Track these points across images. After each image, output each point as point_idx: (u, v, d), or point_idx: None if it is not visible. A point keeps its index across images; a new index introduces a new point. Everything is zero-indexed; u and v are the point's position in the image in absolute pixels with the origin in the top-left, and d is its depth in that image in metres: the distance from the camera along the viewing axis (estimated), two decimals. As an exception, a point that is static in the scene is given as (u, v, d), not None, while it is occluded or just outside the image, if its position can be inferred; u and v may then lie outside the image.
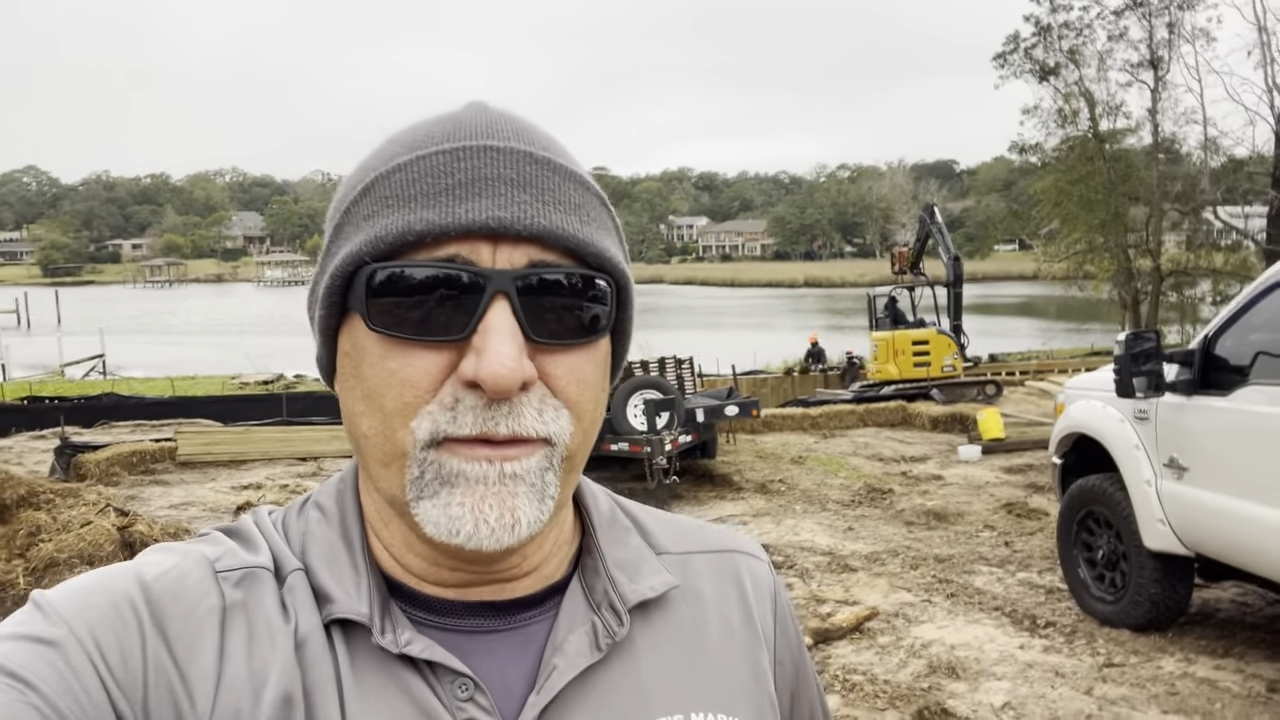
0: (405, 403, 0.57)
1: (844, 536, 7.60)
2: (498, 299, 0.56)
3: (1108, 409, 5.01)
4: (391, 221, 0.57)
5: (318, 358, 0.65)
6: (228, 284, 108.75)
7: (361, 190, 0.60)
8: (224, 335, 44.02)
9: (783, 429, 13.75)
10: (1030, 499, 8.71)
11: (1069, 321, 40.99)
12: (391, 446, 0.58)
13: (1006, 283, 69.48)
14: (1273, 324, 4.11)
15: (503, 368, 0.54)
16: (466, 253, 0.56)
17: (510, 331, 0.55)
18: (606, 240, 0.61)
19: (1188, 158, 28.26)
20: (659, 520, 0.76)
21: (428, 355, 0.57)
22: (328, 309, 0.60)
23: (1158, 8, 27.08)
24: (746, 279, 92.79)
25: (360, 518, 0.65)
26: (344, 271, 0.58)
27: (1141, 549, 4.76)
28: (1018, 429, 12.42)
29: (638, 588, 0.67)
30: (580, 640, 0.63)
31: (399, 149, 0.59)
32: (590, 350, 0.60)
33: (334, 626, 0.60)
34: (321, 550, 0.63)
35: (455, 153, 0.57)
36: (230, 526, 0.66)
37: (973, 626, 5.24)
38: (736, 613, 0.71)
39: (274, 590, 0.61)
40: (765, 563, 0.77)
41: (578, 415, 0.60)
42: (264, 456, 11.81)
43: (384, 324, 0.57)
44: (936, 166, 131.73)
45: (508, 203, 0.56)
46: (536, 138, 0.60)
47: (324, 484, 0.69)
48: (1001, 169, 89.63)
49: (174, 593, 0.58)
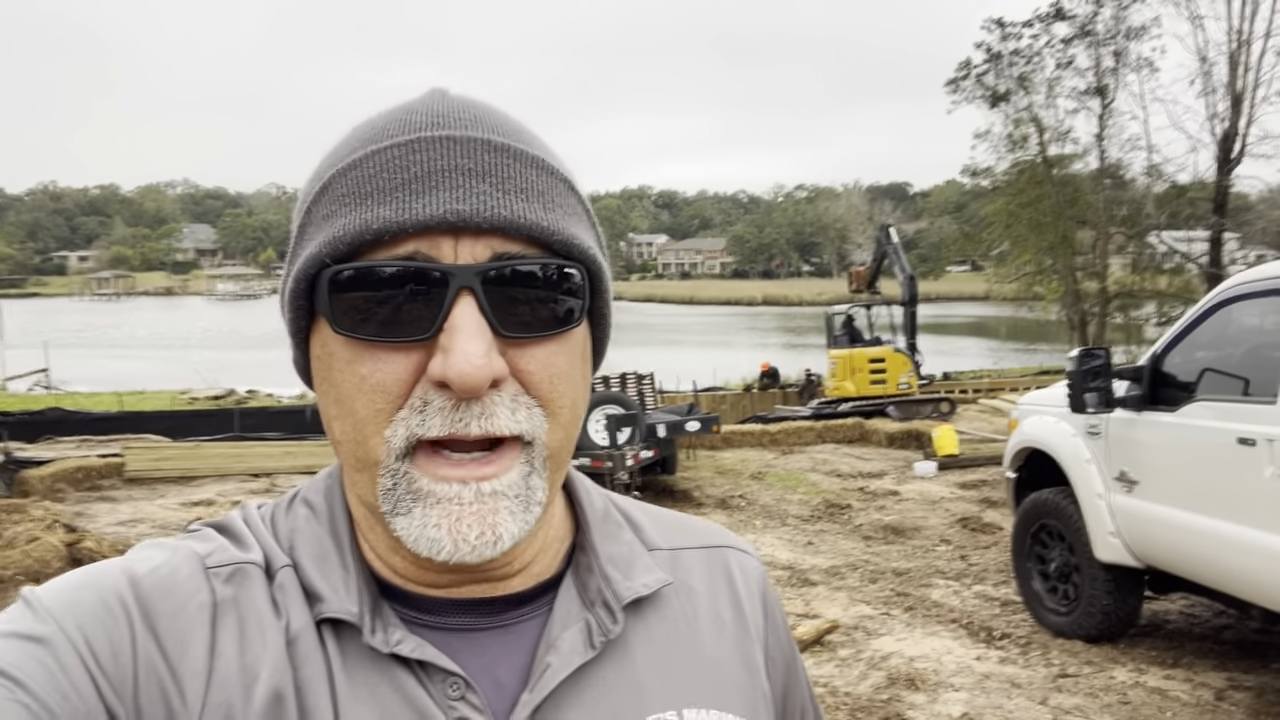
0: (377, 409, 0.55)
1: (804, 551, 7.66)
2: (462, 295, 0.54)
3: (1060, 424, 5.13)
4: (349, 221, 0.55)
5: (295, 361, 0.64)
6: (178, 297, 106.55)
7: (320, 189, 0.59)
8: (173, 349, 43.10)
9: (742, 445, 13.82)
10: (984, 514, 8.86)
11: (1019, 341, 41.83)
12: (364, 453, 0.57)
13: (959, 303, 70.74)
14: (1217, 342, 4.26)
15: (469, 365, 0.53)
16: (427, 249, 0.55)
17: (477, 328, 0.54)
18: (575, 226, 0.59)
19: (1133, 183, 29.09)
20: (650, 516, 0.75)
21: (396, 357, 0.55)
22: (295, 312, 0.59)
23: (1104, 37, 27.88)
24: (705, 297, 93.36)
25: (348, 516, 0.64)
26: (306, 274, 0.57)
27: (1093, 561, 4.87)
28: (971, 445, 12.64)
29: (632, 584, 0.66)
30: (574, 638, 0.62)
31: (356, 143, 0.59)
32: (563, 342, 0.59)
33: (324, 625, 0.59)
34: (310, 548, 0.62)
35: (410, 145, 0.56)
36: (220, 522, 0.65)
37: (931, 639, 5.31)
38: (728, 608, 0.71)
39: (264, 587, 0.60)
40: (754, 558, 0.77)
41: (553, 411, 0.58)
42: (215, 473, 11.57)
43: (349, 326, 0.56)
44: (891, 188, 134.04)
45: (466, 194, 0.55)
46: (497, 124, 0.59)
47: (313, 479, 0.68)
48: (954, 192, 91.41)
49: (164, 589, 0.58)
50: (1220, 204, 24.92)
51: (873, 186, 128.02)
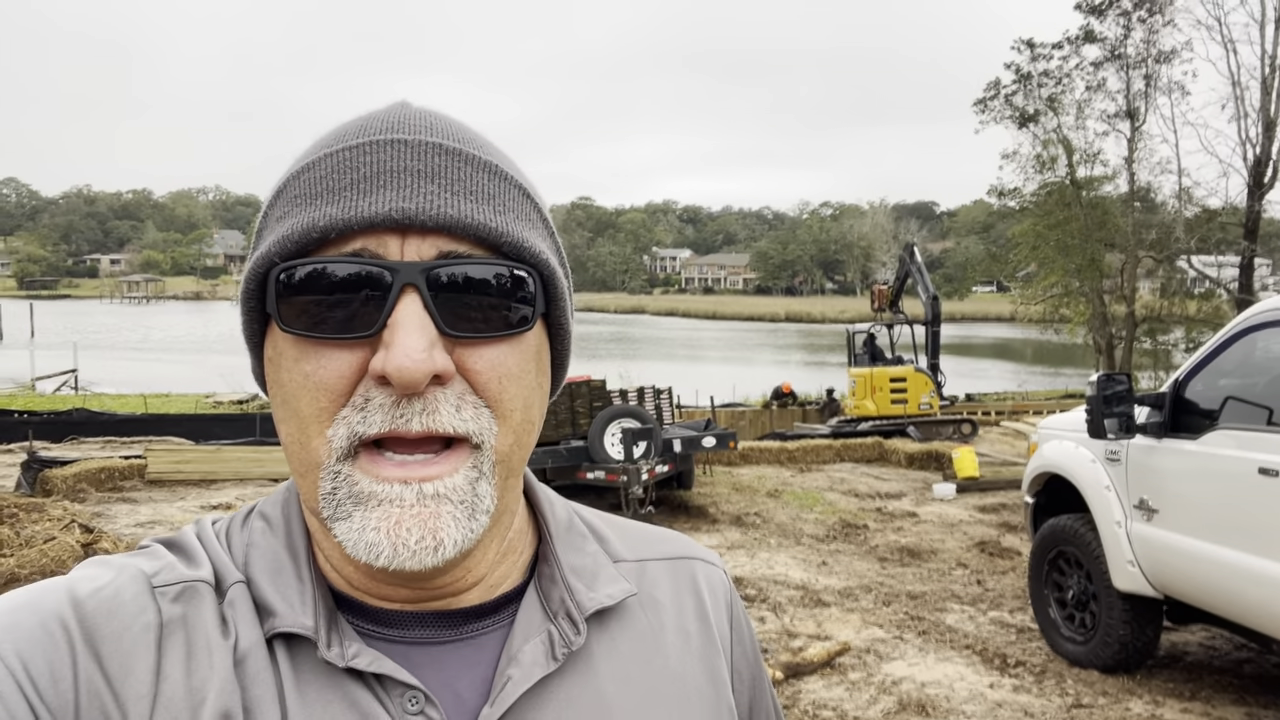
0: (320, 408, 0.55)
1: (818, 571, 7.59)
2: (407, 292, 0.54)
3: (1080, 449, 5.06)
4: (298, 220, 0.56)
5: (252, 370, 0.63)
6: (206, 302, 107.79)
7: (276, 192, 0.60)
8: (199, 353, 43.59)
9: (759, 462, 13.75)
10: (1003, 538, 8.75)
11: (1044, 365, 41.41)
12: (307, 455, 0.56)
13: (984, 324, 70.18)
14: (1241, 369, 4.18)
15: (408, 359, 0.52)
16: (374, 246, 0.55)
17: (419, 324, 0.53)
18: (526, 231, 0.59)
19: (1162, 206, 28.80)
20: (615, 527, 0.74)
21: (341, 355, 0.55)
22: (247, 314, 0.59)
23: (1135, 60, 27.72)
24: (728, 312, 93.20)
25: (305, 528, 0.63)
26: (257, 274, 0.57)
27: (1111, 590, 4.79)
28: (992, 469, 12.51)
29: (595, 595, 0.65)
30: (535, 650, 0.61)
31: (314, 149, 0.59)
32: (514, 344, 0.58)
33: (277, 641, 0.58)
34: (265, 562, 0.61)
35: (362, 148, 0.56)
36: (170, 538, 0.63)
37: (943, 664, 5.23)
38: (694, 620, 0.70)
39: (214, 605, 0.58)
40: (720, 569, 0.76)
41: (502, 414, 0.57)
42: (235, 476, 11.66)
43: (296, 324, 0.55)
44: (917, 207, 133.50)
45: (412, 194, 0.55)
46: (453, 132, 0.59)
47: (271, 494, 0.67)
48: (980, 212, 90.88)
49: (107, 610, 0.56)
50: (1252, 229, 24.61)
51: (899, 205, 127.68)
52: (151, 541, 0.63)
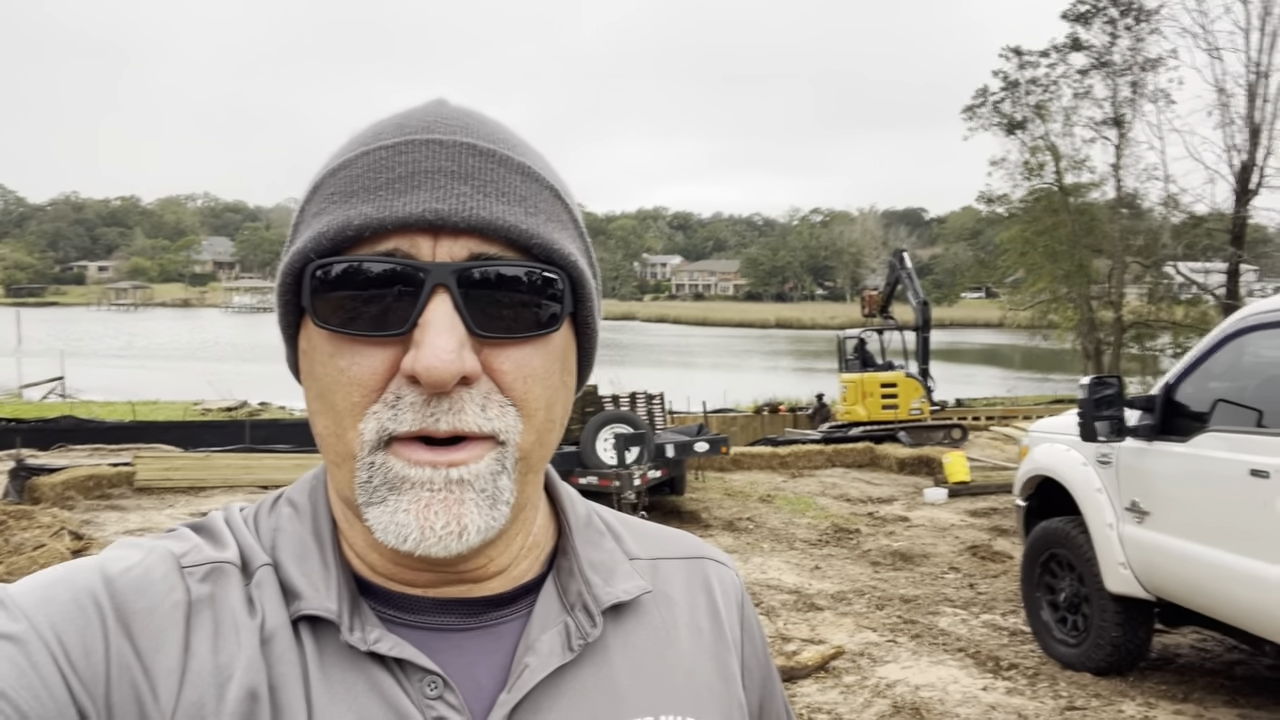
0: (353, 402, 0.57)
1: (811, 575, 7.59)
2: (438, 292, 0.55)
3: (1071, 452, 5.09)
4: (334, 217, 0.57)
5: (287, 359, 0.65)
6: (194, 309, 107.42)
7: (313, 189, 0.61)
8: (187, 360, 43.38)
9: (751, 467, 13.76)
10: (994, 542, 8.77)
11: (1033, 370, 41.58)
12: (342, 446, 0.58)
13: (973, 329, 70.46)
14: (1231, 372, 4.21)
15: (438, 360, 0.54)
16: (406, 246, 0.56)
17: (449, 324, 0.55)
18: (557, 233, 0.60)
19: (1149, 213, 29.00)
20: (630, 527, 0.76)
21: (374, 352, 0.57)
22: (283, 308, 0.61)
23: (1121, 68, 27.95)
24: (718, 318, 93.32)
25: (331, 515, 0.65)
26: (293, 269, 0.59)
27: (1103, 592, 4.81)
28: (983, 473, 12.55)
29: (612, 590, 0.67)
30: (552, 640, 0.63)
31: (351, 146, 0.61)
32: (540, 345, 0.59)
33: (302, 623, 0.59)
34: (291, 546, 0.63)
35: (397, 147, 0.58)
36: (198, 522, 0.65)
37: (937, 667, 5.24)
38: (706, 618, 0.72)
39: (240, 585, 0.60)
40: (732, 570, 0.78)
41: (527, 413, 0.59)
42: (224, 484, 11.59)
43: (329, 320, 0.57)
44: (906, 214, 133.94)
45: (446, 195, 0.56)
46: (487, 132, 0.60)
47: (298, 481, 0.68)
48: (969, 218, 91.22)
49: (138, 588, 0.58)
50: (1238, 235, 24.81)
51: (888, 211, 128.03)
52: (179, 525, 0.65)
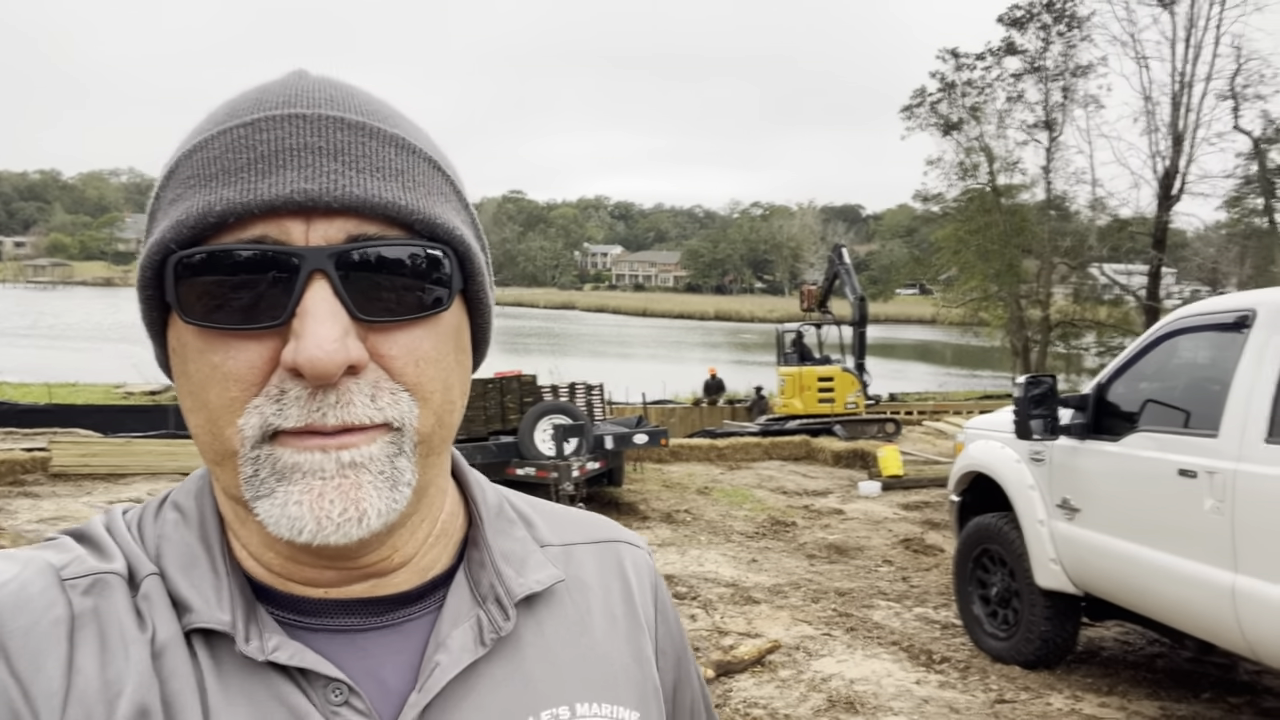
0: (230, 398, 0.53)
1: (747, 568, 7.62)
2: (315, 278, 0.52)
3: (1005, 449, 5.17)
4: (192, 204, 0.53)
5: (156, 357, 0.61)
6: (118, 288, 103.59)
7: (168, 173, 0.57)
8: (110, 341, 41.81)
9: (689, 459, 13.81)
10: (926, 535, 8.93)
11: (963, 366, 42.62)
12: (220, 445, 0.54)
13: (906, 325, 71.87)
14: (1161, 373, 4.31)
15: (320, 351, 0.50)
16: (275, 232, 0.52)
17: (330, 312, 0.52)
18: (439, 206, 0.57)
19: (1076, 215, 29.90)
20: (542, 512, 0.74)
21: (250, 345, 0.53)
22: (146, 303, 0.57)
23: (1053, 73, 28.74)
24: (658, 309, 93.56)
25: (219, 517, 0.61)
26: (152, 262, 0.55)
27: (1034, 587, 4.90)
28: (915, 467, 12.77)
29: (524, 581, 0.65)
30: (464, 635, 0.61)
31: (206, 125, 0.56)
32: (430, 326, 0.56)
33: (196, 635, 0.56)
34: (178, 554, 0.59)
35: (257, 124, 0.53)
36: (79, 530, 0.61)
37: (871, 661, 5.29)
38: (620, 602, 0.71)
39: (127, 597, 0.56)
40: (645, 551, 0.78)
41: (422, 397, 0.56)
42: (146, 470, 11.19)
43: (198, 315, 0.53)
44: (844, 210, 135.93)
45: (315, 173, 0.52)
46: (356, 104, 0.56)
47: (184, 481, 0.64)
48: (905, 216, 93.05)
49: (14, 605, 0.53)
50: (1160, 239, 25.73)
51: (827, 207, 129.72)
52: (59, 534, 0.61)
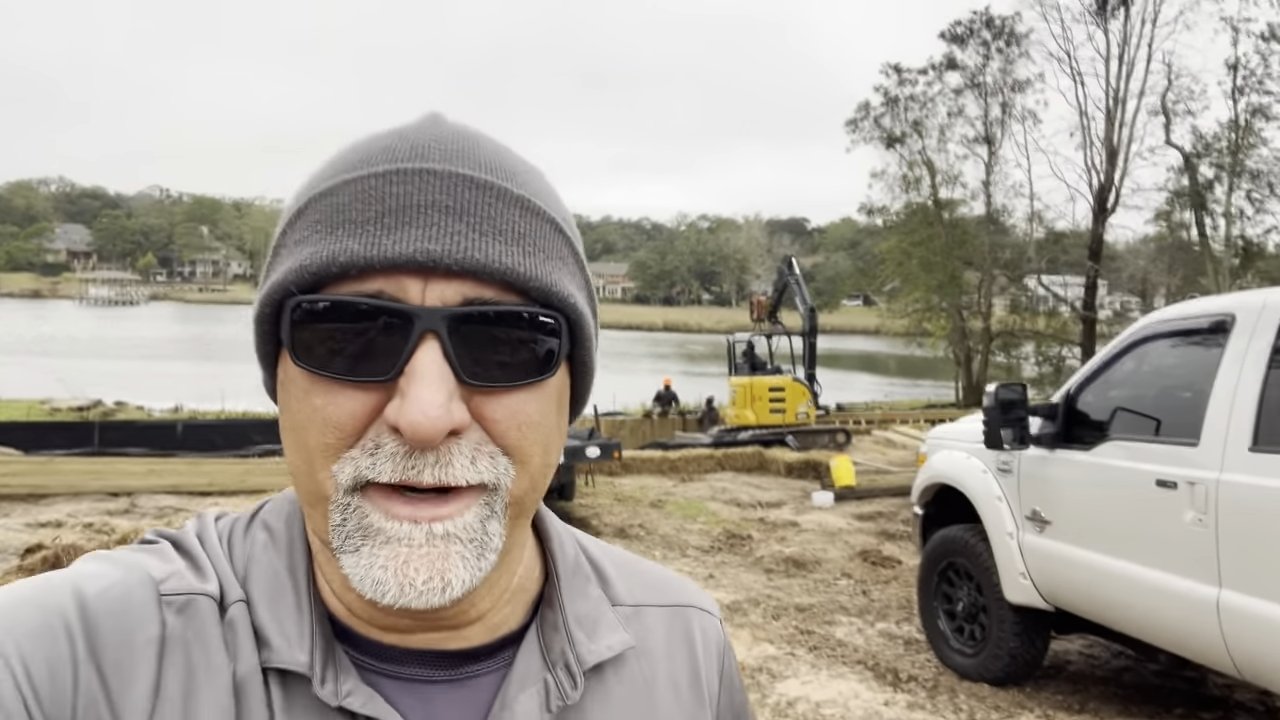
0: (327, 444, 0.53)
1: (705, 584, 7.39)
2: (426, 339, 0.52)
3: (971, 460, 5.03)
4: (317, 250, 0.53)
5: (264, 384, 0.62)
6: (46, 300, 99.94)
7: (296, 212, 0.57)
8: (35, 356, 40.14)
9: (641, 472, 13.56)
10: (883, 546, 8.81)
11: (905, 377, 43.20)
12: (314, 486, 0.54)
13: (849, 336, 72.74)
14: (1134, 380, 4.20)
15: (424, 416, 0.50)
16: (393, 288, 0.52)
17: (439, 375, 0.51)
18: (556, 272, 0.57)
19: (1014, 229, 30.52)
20: (617, 564, 0.73)
21: (354, 395, 0.53)
22: (260, 337, 0.58)
23: (993, 88, 29.37)
24: (607, 320, 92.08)
25: (307, 545, 0.61)
26: (272, 300, 0.55)
27: (1002, 602, 4.75)
28: (867, 477, 12.70)
29: (595, 648, 0.64)
30: (530, 701, 0.60)
31: (339, 168, 0.56)
32: (535, 391, 0.56)
33: (272, 672, 0.56)
34: (265, 581, 0.60)
35: (387, 176, 0.53)
36: (177, 537, 0.62)
37: (837, 681, 5.10)
38: (685, 673, 0.70)
39: (216, 623, 0.56)
40: (717, 619, 0.76)
41: (521, 460, 0.56)
42: (69, 490, 10.57)
43: (308, 360, 0.53)
44: (790, 223, 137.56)
45: (439, 234, 0.52)
46: (485, 159, 0.56)
47: (276, 499, 0.65)
48: (848, 229, 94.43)
49: (114, 613, 0.54)
50: (1095, 251, 26.35)
51: (772, 220, 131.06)
52: (158, 536, 0.62)
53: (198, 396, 23.36)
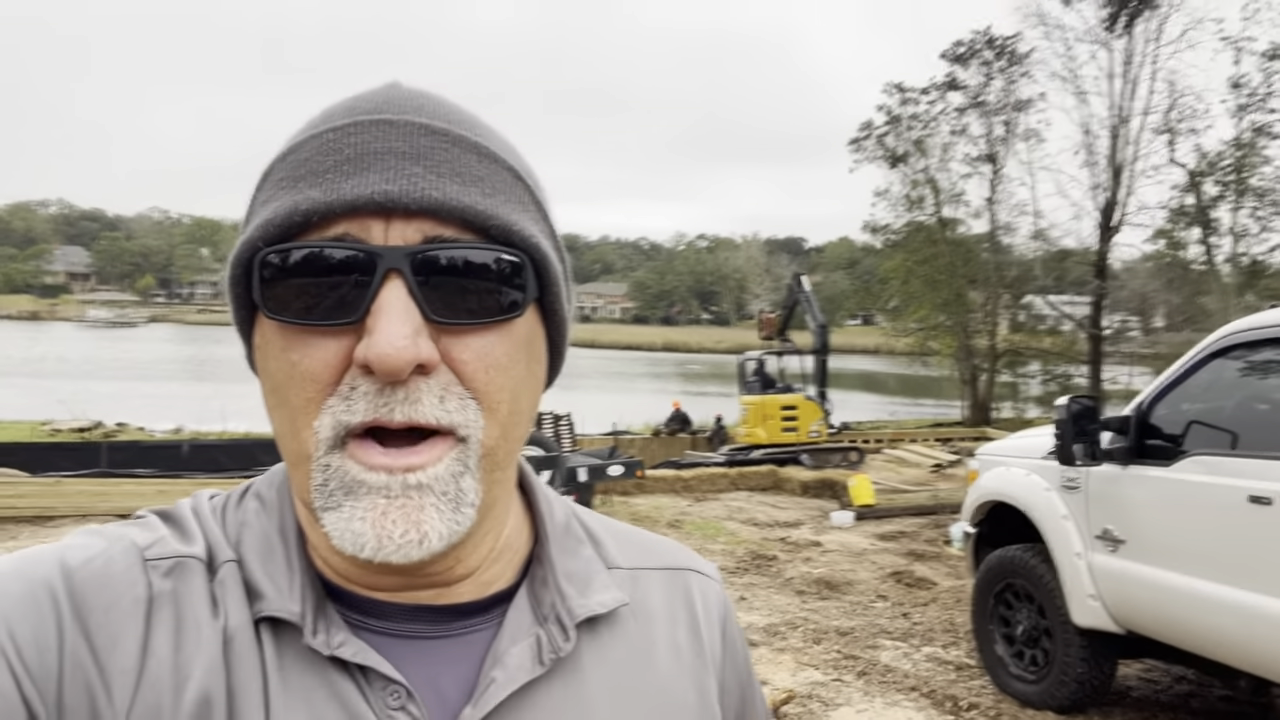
0: (307, 398, 0.54)
1: (738, 607, 7.18)
2: (391, 277, 0.52)
3: (1031, 477, 4.84)
4: (281, 204, 0.55)
5: (246, 356, 0.61)
6: (44, 322, 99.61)
7: (264, 176, 0.58)
8: (36, 377, 39.87)
9: (655, 491, 13.35)
10: (914, 567, 8.60)
11: (906, 396, 42.96)
12: (297, 446, 0.55)
13: (850, 355, 72.58)
14: (1214, 393, 4.02)
15: (390, 346, 0.51)
16: (356, 230, 0.53)
17: (403, 310, 0.52)
18: (516, 214, 0.57)
19: (1011, 249, 30.42)
20: (613, 533, 0.73)
21: (326, 343, 0.53)
22: (234, 301, 0.58)
23: (995, 108, 29.38)
24: (606, 340, 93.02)
25: (295, 512, 0.62)
26: (241, 260, 0.56)
27: (1068, 625, 4.55)
28: (884, 495, 12.50)
29: (586, 602, 0.64)
30: (522, 653, 0.60)
31: (301, 130, 0.58)
32: (503, 333, 0.56)
33: (264, 624, 0.56)
34: (256, 543, 0.60)
35: (345, 129, 0.55)
36: (166, 510, 0.62)
37: (892, 710, 4.89)
38: (685, 634, 0.69)
39: (204, 582, 0.57)
40: (717, 582, 0.76)
41: (490, 406, 0.55)
42: (76, 512, 10.35)
43: (279, 310, 0.54)
44: (788, 242, 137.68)
45: (396, 175, 0.53)
46: (443, 112, 0.57)
47: (266, 473, 0.65)
48: (846, 249, 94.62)
49: (98, 581, 0.55)
50: (1101, 269, 26.28)
51: (770, 240, 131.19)
52: (146, 512, 0.62)
53: (198, 417, 23.10)
